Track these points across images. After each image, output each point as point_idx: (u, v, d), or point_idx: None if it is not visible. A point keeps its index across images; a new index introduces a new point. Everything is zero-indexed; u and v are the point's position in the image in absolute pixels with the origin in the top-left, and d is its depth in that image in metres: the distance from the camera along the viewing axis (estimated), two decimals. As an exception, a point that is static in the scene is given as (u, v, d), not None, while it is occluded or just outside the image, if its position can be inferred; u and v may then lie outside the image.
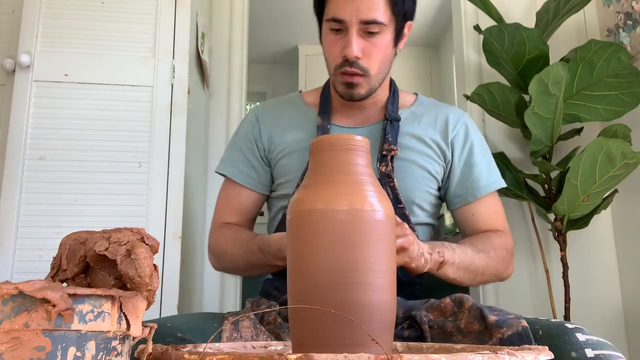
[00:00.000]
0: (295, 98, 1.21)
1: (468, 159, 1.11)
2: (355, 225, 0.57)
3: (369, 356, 0.42)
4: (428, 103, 1.18)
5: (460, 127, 1.12)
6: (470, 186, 1.10)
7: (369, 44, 1.00)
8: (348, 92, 1.05)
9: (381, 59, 1.03)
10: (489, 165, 1.13)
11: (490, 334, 0.76)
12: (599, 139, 1.46)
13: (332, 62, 1.04)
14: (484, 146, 1.15)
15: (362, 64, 1.01)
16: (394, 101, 1.13)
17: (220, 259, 1.11)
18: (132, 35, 1.59)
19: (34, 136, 1.49)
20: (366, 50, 1.01)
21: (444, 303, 0.88)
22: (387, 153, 1.05)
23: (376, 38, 1.00)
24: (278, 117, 1.16)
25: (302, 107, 1.17)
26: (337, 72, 1.04)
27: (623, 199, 1.77)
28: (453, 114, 1.14)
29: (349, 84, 1.03)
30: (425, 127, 1.11)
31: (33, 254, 1.43)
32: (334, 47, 1.03)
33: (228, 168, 1.16)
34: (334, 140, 0.62)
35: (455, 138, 1.11)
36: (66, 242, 0.50)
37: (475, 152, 1.11)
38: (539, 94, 1.52)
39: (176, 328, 0.78)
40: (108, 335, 0.41)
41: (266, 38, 3.96)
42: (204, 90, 2.00)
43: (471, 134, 1.12)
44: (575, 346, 0.69)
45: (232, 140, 1.20)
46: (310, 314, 0.56)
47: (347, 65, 1.01)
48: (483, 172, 1.10)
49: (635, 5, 1.73)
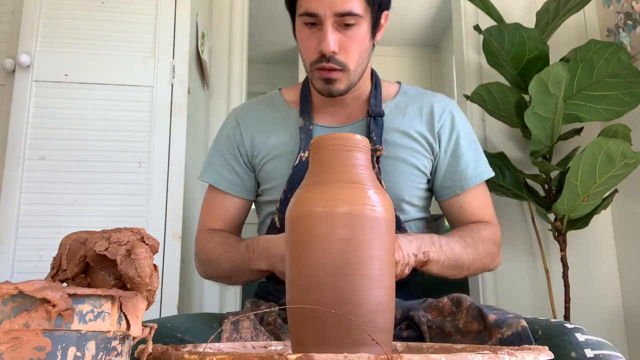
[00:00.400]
0: (275, 97, 1.16)
1: (455, 149, 1.07)
2: (355, 225, 0.57)
3: (369, 356, 0.42)
4: (412, 92, 1.13)
5: (446, 117, 1.08)
6: (458, 178, 1.07)
7: (345, 37, 0.97)
8: (327, 88, 1.00)
9: (359, 51, 0.99)
10: (476, 154, 1.10)
11: (489, 333, 0.76)
12: (599, 139, 1.46)
13: (308, 58, 1.00)
14: (471, 135, 1.11)
15: (339, 59, 0.97)
16: (376, 94, 1.09)
17: (205, 265, 1.08)
18: (132, 35, 1.59)
19: (34, 136, 1.49)
20: (343, 44, 0.97)
21: (442, 303, 0.87)
22: (372, 154, 1.01)
23: (352, 30, 0.96)
24: (259, 119, 1.12)
25: (282, 107, 1.13)
26: (313, 68, 1.00)
27: (623, 199, 1.77)
28: (438, 102, 1.10)
29: (327, 80, 0.99)
30: (410, 120, 1.07)
31: (33, 254, 1.43)
32: (308, 43, 0.99)
33: (211, 175, 1.12)
34: (334, 139, 0.62)
35: (442, 129, 1.07)
36: (66, 242, 0.50)
37: (462, 142, 1.08)
38: (539, 94, 1.52)
39: (176, 328, 0.78)
40: (108, 335, 0.41)
41: (266, 38, 3.96)
42: (204, 90, 2.00)
43: (457, 123, 1.09)
44: (574, 346, 0.69)
45: (214, 145, 1.16)
46: (310, 314, 0.56)
47: (324, 61, 0.97)
48: (470, 162, 1.07)
49: (635, 5, 1.73)
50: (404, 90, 1.14)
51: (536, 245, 1.82)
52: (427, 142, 1.07)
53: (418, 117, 1.08)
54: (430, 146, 1.07)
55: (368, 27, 0.99)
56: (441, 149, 1.07)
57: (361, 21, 0.97)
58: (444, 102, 1.11)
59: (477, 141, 1.12)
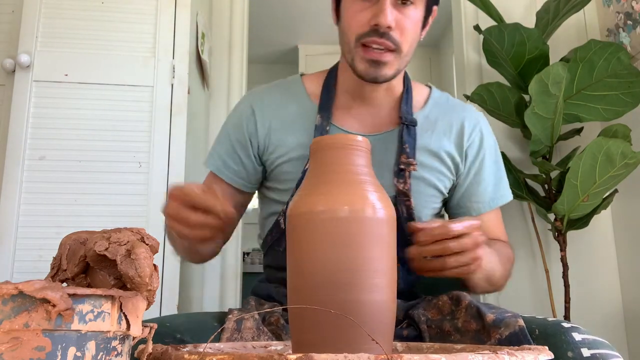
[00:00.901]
0: (296, 86, 1.04)
1: (478, 171, 1.01)
2: (356, 225, 0.57)
3: (369, 356, 0.42)
4: (443, 103, 1.04)
5: (475, 136, 1.01)
6: (475, 200, 1.01)
7: (402, 15, 0.87)
8: (372, 72, 0.89)
9: (412, 35, 0.89)
10: (498, 176, 1.03)
11: (488, 333, 0.76)
12: (599, 139, 1.46)
13: (355, 32, 0.88)
14: (496, 154, 1.05)
15: (394, 36, 0.86)
16: (407, 99, 0.99)
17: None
18: (132, 35, 1.59)
19: (34, 136, 1.49)
20: (399, 22, 0.86)
21: (442, 301, 0.87)
22: (405, 168, 0.93)
23: (410, 10, 0.87)
24: (278, 111, 1.00)
25: (303, 100, 1.01)
26: (359, 44, 0.88)
27: (623, 199, 1.77)
28: (469, 119, 1.02)
29: (374, 62, 0.88)
30: (439, 137, 0.99)
31: (33, 254, 1.43)
32: (358, 16, 0.87)
33: (215, 161, 1.02)
34: (334, 140, 0.62)
35: (470, 147, 1.00)
36: (66, 242, 0.50)
37: (486, 163, 1.01)
38: (539, 94, 1.52)
39: (176, 329, 0.77)
40: (108, 335, 0.41)
41: (266, 38, 3.96)
42: (204, 90, 2.00)
43: (485, 143, 1.02)
44: (571, 345, 0.69)
45: (223, 129, 1.05)
46: (310, 314, 0.56)
47: (376, 35, 0.86)
48: (489, 186, 1.01)
49: (635, 5, 1.73)
50: (435, 98, 1.04)
51: (536, 245, 1.82)
52: (454, 162, 1.00)
53: (447, 134, 1.00)
54: (456, 167, 1.00)
55: (422, 13, 0.91)
56: (465, 168, 1.01)
57: (418, 4, 0.89)
58: (475, 118, 1.03)
59: (501, 160, 1.06)
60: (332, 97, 0.99)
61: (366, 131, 0.98)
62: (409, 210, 0.94)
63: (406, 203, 0.93)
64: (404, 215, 0.93)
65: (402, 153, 0.94)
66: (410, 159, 0.94)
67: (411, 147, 0.95)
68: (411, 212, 0.94)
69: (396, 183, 0.93)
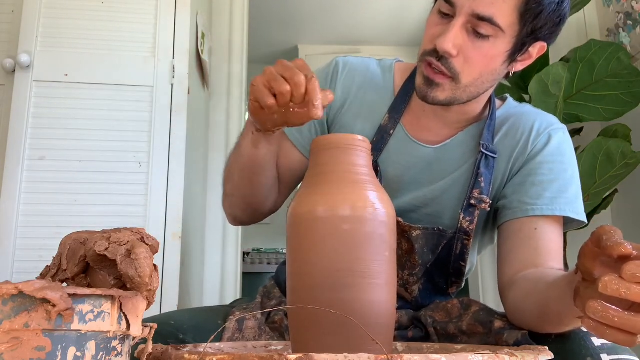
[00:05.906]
0: (387, 73, 0.95)
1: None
2: (356, 225, 0.57)
3: (369, 356, 0.42)
4: (519, 127, 0.90)
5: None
6: (531, 201, 0.85)
7: (472, 45, 0.78)
8: (423, 90, 0.82)
9: (481, 69, 0.80)
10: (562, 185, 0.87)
11: (494, 339, 0.75)
12: (599, 139, 1.46)
13: (423, 46, 0.82)
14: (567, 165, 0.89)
15: (453, 64, 0.79)
16: (490, 125, 0.88)
17: (226, 185, 0.92)
18: (132, 35, 1.59)
19: (34, 136, 1.49)
20: (465, 51, 0.78)
21: (451, 304, 0.86)
22: (477, 204, 0.85)
23: (484, 42, 0.78)
24: (360, 89, 0.93)
25: (385, 91, 0.93)
26: (422, 58, 0.82)
27: (623, 199, 1.77)
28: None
29: (428, 80, 0.81)
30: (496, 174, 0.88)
31: (33, 254, 1.43)
32: (431, 30, 0.81)
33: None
34: (334, 139, 0.62)
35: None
36: (66, 242, 0.50)
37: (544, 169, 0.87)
38: (539, 94, 1.52)
39: (179, 327, 0.77)
40: (108, 335, 0.41)
41: (266, 38, 3.96)
42: (204, 90, 2.00)
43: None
44: (590, 351, 0.66)
45: None
46: (310, 314, 0.56)
47: (434, 57, 0.79)
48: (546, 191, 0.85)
49: (635, 5, 1.73)
50: (510, 123, 0.91)
51: (536, 245, 1.81)
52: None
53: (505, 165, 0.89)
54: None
55: (506, 48, 0.79)
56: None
57: (500, 36, 0.78)
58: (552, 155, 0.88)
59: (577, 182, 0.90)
60: (408, 99, 0.91)
61: (435, 144, 0.90)
62: (463, 250, 0.86)
63: (464, 242, 0.86)
64: (456, 253, 0.87)
65: (475, 186, 0.85)
66: (483, 196, 0.84)
67: (487, 181, 0.85)
68: (465, 252, 0.87)
69: (462, 219, 0.85)
